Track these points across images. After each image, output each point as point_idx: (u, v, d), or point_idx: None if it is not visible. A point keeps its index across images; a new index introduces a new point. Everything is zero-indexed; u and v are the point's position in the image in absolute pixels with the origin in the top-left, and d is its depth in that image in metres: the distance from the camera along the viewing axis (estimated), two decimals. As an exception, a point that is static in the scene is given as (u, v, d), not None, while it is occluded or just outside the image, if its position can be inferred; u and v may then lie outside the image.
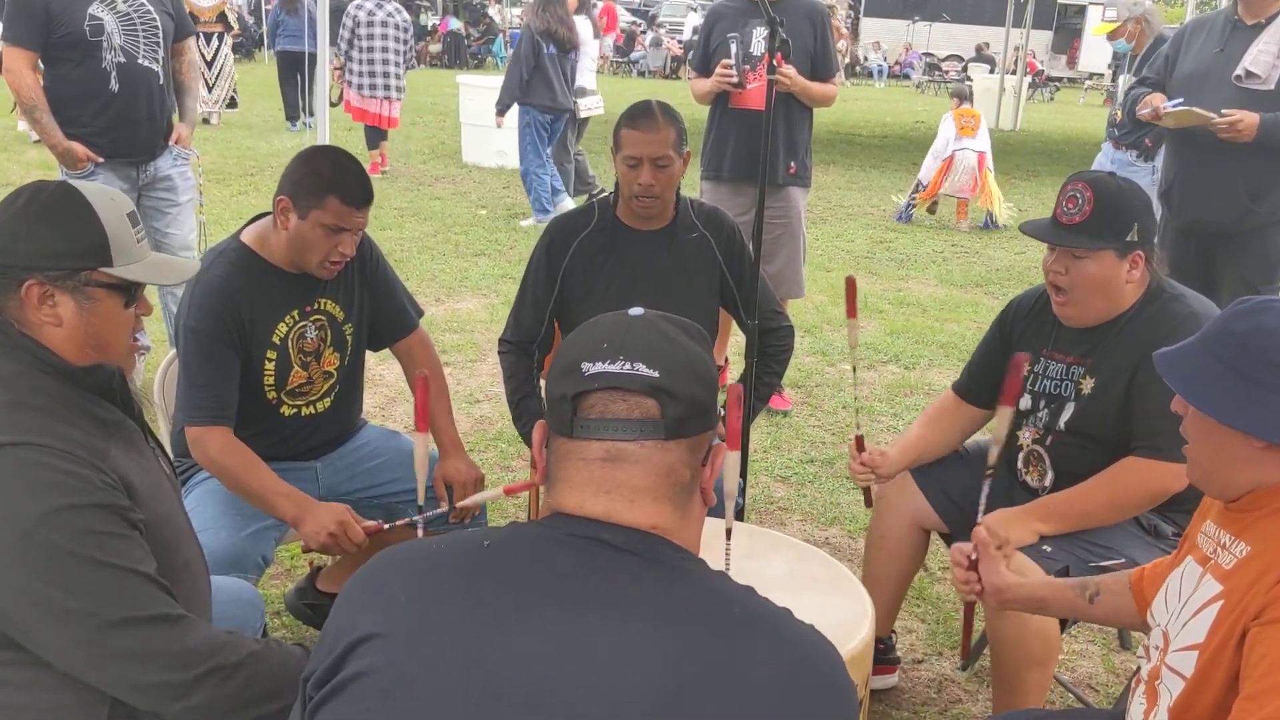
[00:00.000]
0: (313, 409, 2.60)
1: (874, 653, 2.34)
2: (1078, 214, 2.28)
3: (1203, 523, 1.66)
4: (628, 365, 1.13)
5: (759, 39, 4.36)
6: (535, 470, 1.24)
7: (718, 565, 1.19)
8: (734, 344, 4.63)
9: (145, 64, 4.00)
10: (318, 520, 2.30)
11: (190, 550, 1.71)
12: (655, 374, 1.13)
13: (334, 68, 9.22)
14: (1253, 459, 1.48)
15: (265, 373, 2.48)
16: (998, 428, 2.18)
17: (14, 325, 1.56)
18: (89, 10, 3.83)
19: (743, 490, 2.89)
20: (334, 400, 2.64)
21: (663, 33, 27.62)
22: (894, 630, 2.92)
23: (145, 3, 3.99)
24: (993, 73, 20.50)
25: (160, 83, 4.07)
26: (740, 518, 2.85)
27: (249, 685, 1.56)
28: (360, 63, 9.37)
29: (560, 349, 1.22)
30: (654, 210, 2.78)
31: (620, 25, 27.08)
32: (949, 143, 9.15)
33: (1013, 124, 17.52)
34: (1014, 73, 18.60)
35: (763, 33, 4.24)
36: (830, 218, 9.44)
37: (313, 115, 10.22)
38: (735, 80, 4.37)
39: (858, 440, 2.59)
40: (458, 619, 1.08)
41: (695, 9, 27.92)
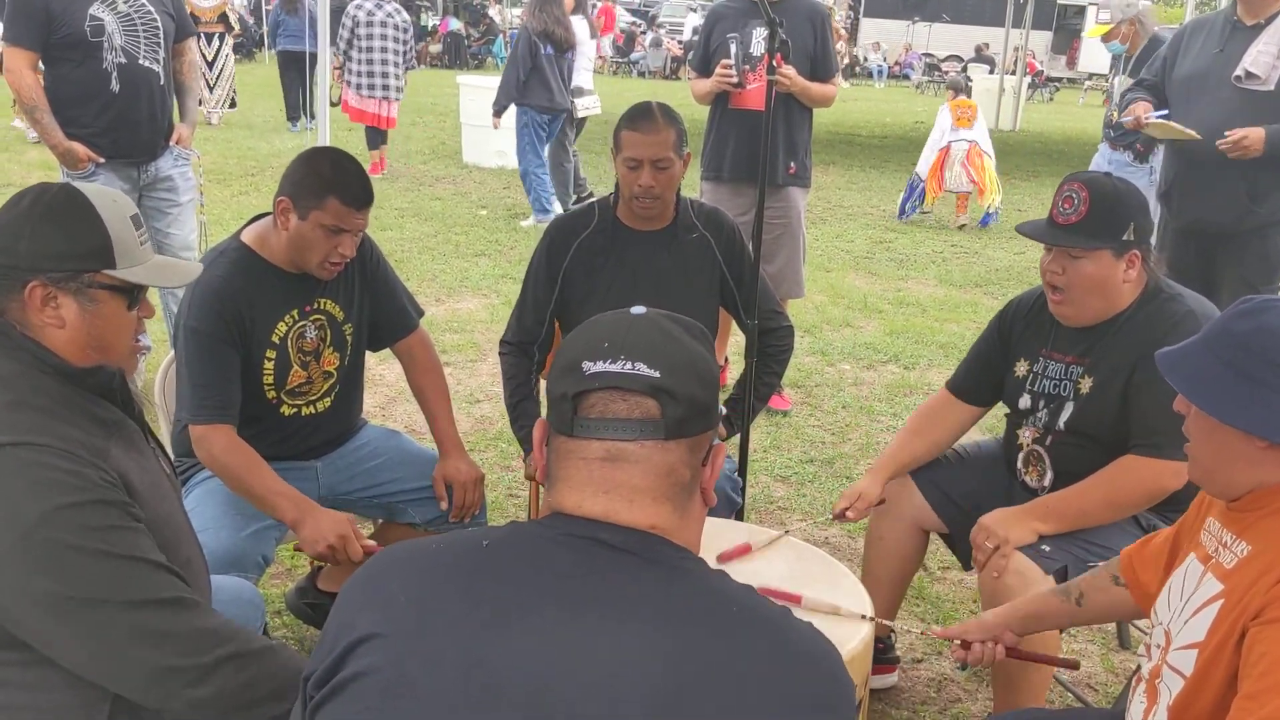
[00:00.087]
0: (312, 409, 2.60)
1: (873, 652, 2.34)
2: (1074, 214, 2.29)
3: (1204, 516, 1.66)
4: (629, 365, 1.13)
5: (759, 39, 4.37)
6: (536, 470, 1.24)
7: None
8: (734, 344, 4.63)
9: (146, 64, 4.00)
10: (318, 528, 2.29)
11: (190, 549, 1.71)
12: (656, 374, 1.13)
13: (333, 68, 9.23)
14: (1254, 459, 1.49)
15: (265, 372, 2.48)
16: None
17: (15, 327, 1.56)
18: (90, 11, 3.83)
19: (742, 490, 2.90)
20: (334, 400, 2.64)
21: (663, 33, 27.62)
22: (893, 630, 2.92)
23: (146, 3, 3.99)
24: (992, 73, 20.50)
25: (161, 83, 4.07)
26: (740, 517, 2.86)
27: (261, 680, 1.55)
28: (359, 63, 9.37)
29: (561, 347, 1.22)
30: (654, 211, 2.78)
31: (620, 26, 27.11)
32: (945, 134, 9.15)
33: (1012, 124, 17.54)
34: (1014, 73, 18.61)
35: (763, 33, 4.25)
36: (830, 218, 9.45)
37: (313, 119, 10.23)
38: (735, 80, 4.38)
39: (838, 516, 2.58)
40: (457, 618, 1.08)
41: (695, 9, 27.92)
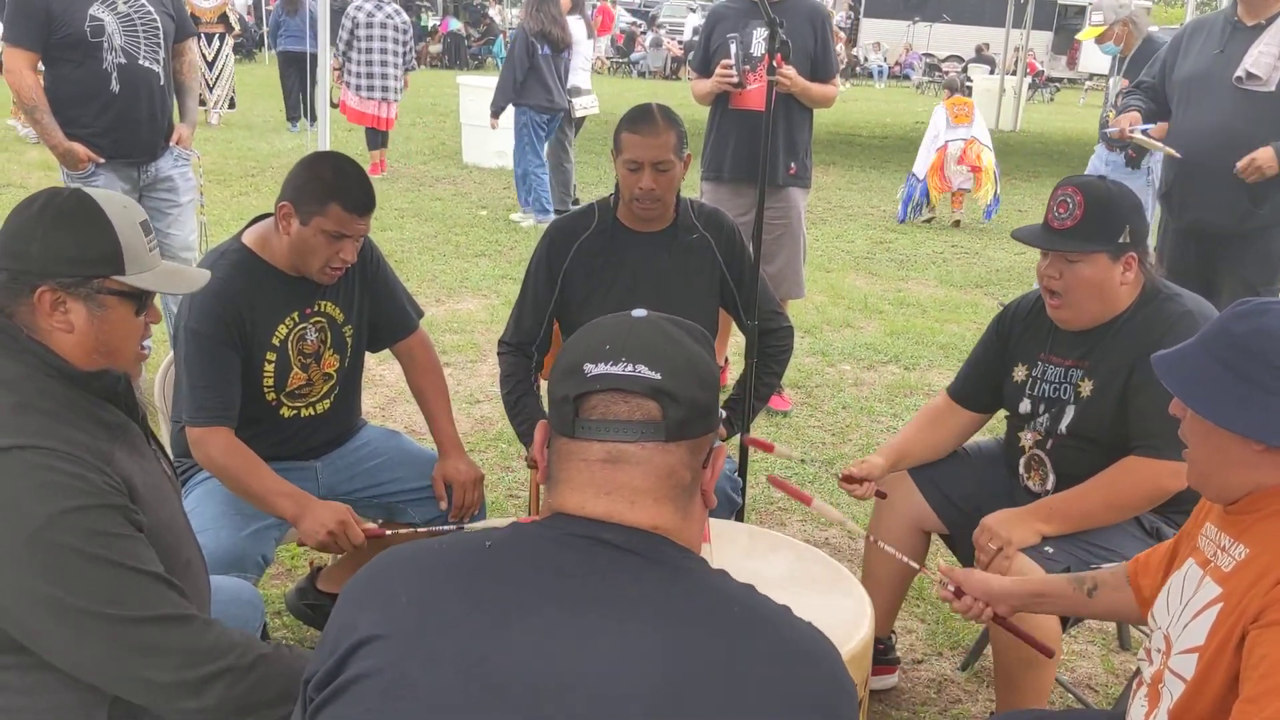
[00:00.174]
0: (312, 410, 2.60)
1: (874, 653, 2.34)
2: (1069, 218, 2.29)
3: (1202, 522, 1.66)
4: (630, 367, 1.14)
5: (759, 40, 4.37)
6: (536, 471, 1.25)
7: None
8: (734, 344, 4.64)
9: (146, 65, 4.00)
10: (317, 518, 2.31)
11: (190, 551, 1.72)
12: (657, 376, 1.14)
13: (333, 68, 9.23)
14: (1251, 461, 1.48)
15: (265, 374, 2.48)
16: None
17: (23, 330, 1.57)
18: (90, 11, 3.83)
19: (743, 490, 2.90)
20: (333, 402, 2.64)
21: (663, 33, 27.62)
22: (894, 630, 2.93)
23: (146, 3, 3.99)
24: (993, 73, 20.50)
25: (161, 83, 4.07)
26: (740, 518, 2.86)
27: (260, 687, 1.56)
28: (359, 64, 9.37)
29: (563, 350, 1.22)
30: (655, 213, 2.78)
31: (620, 26, 27.09)
32: (941, 133, 9.13)
33: (1013, 125, 17.54)
34: (1014, 74, 18.61)
35: (763, 34, 4.25)
36: (830, 218, 9.45)
37: (314, 120, 10.23)
38: (735, 80, 4.38)
39: (843, 478, 2.58)
40: (458, 619, 1.09)
41: (695, 9, 27.93)
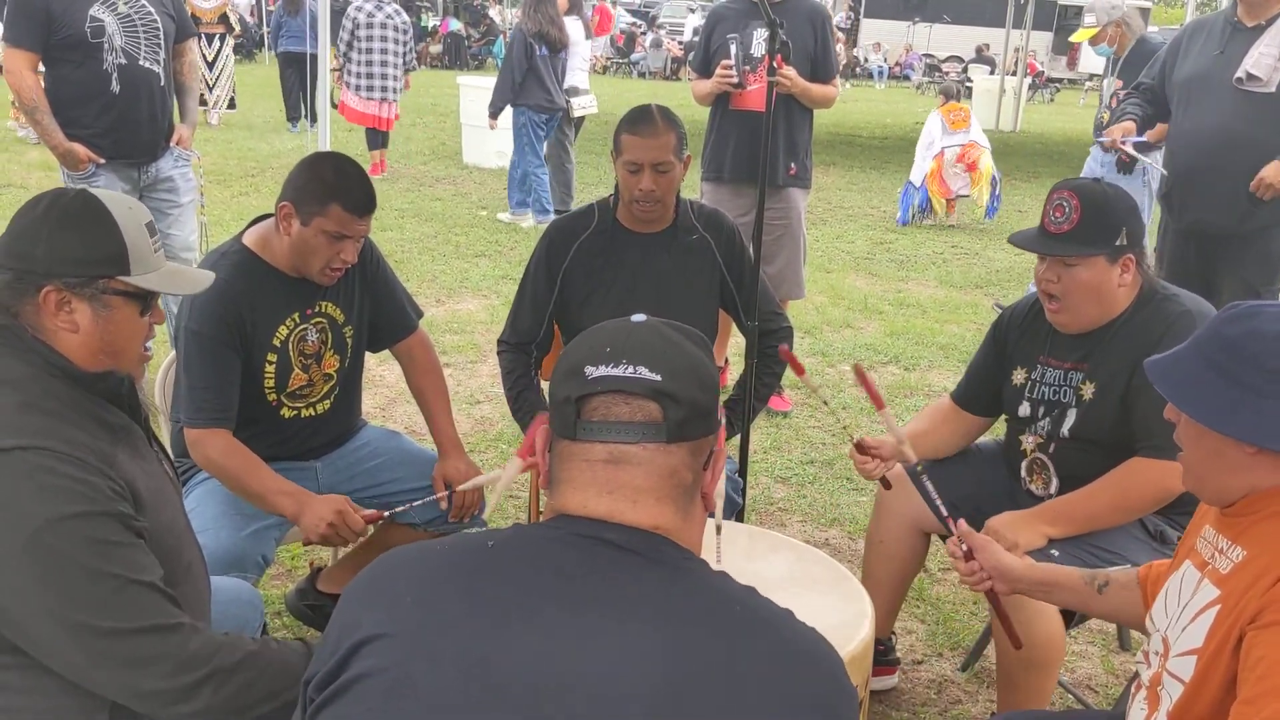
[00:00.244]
0: (312, 411, 2.60)
1: (874, 654, 2.34)
2: (1065, 222, 2.29)
3: (1200, 524, 1.66)
4: (630, 369, 1.14)
5: (759, 40, 4.37)
6: (538, 471, 1.25)
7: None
8: (734, 345, 4.64)
9: (146, 65, 4.00)
10: (316, 513, 2.32)
11: (191, 553, 1.72)
12: (658, 378, 1.14)
13: (333, 69, 9.23)
14: (1245, 464, 1.48)
15: (266, 375, 2.48)
16: (888, 432, 2.35)
17: (28, 330, 1.57)
18: (90, 12, 3.83)
19: (743, 491, 2.90)
20: (334, 402, 2.64)
21: (663, 34, 27.62)
22: (894, 631, 2.93)
23: (146, 4, 3.99)
24: (993, 74, 20.51)
25: (161, 84, 4.07)
26: (740, 519, 2.86)
27: (248, 687, 1.56)
28: (359, 64, 9.38)
29: (564, 353, 1.23)
30: (654, 214, 2.79)
31: (620, 26, 27.09)
32: (936, 139, 9.10)
33: (1013, 125, 17.55)
34: (1014, 74, 18.61)
35: (763, 34, 4.25)
36: (830, 219, 9.45)
37: (314, 122, 10.23)
38: (735, 81, 4.38)
39: (857, 444, 2.59)
40: (458, 619, 1.09)
41: (695, 10, 27.92)
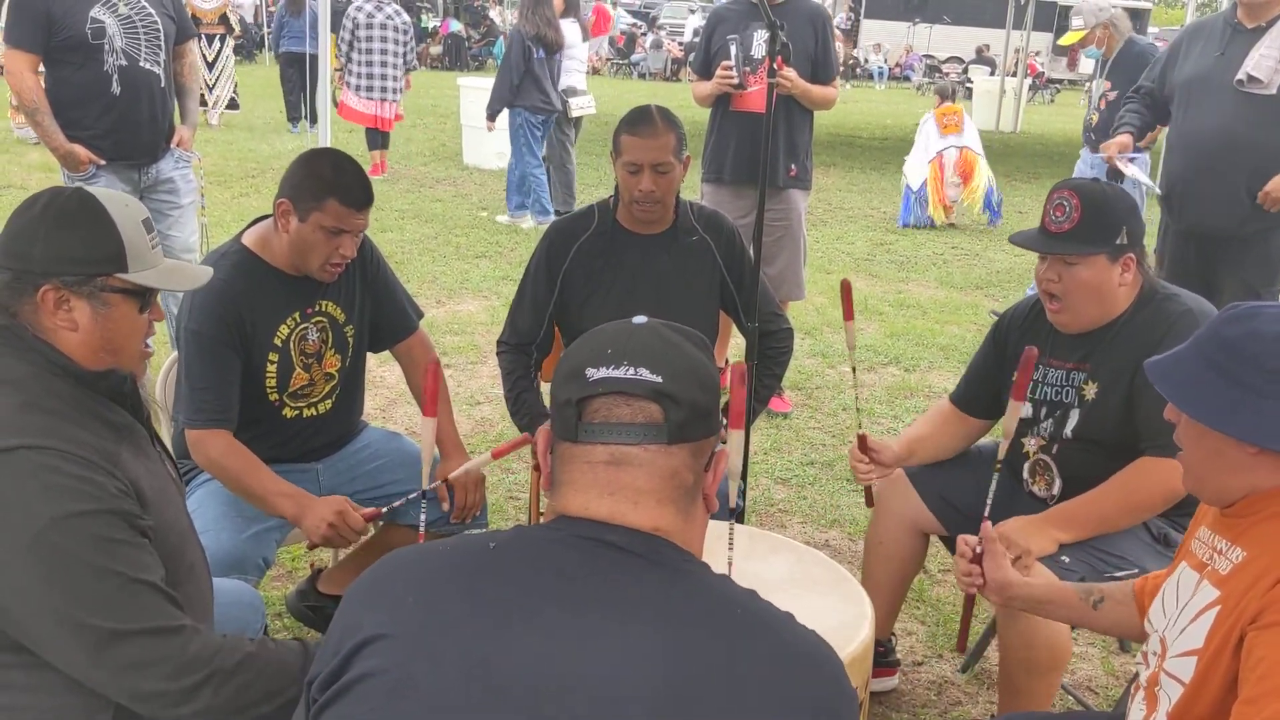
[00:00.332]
0: (314, 410, 2.61)
1: (874, 655, 2.34)
2: (1066, 221, 2.29)
3: (1197, 528, 1.66)
4: (631, 370, 1.15)
5: (759, 42, 4.37)
6: (537, 473, 1.25)
7: (721, 566, 1.19)
8: (734, 346, 4.64)
9: (147, 67, 4.00)
10: (316, 514, 2.32)
11: (194, 554, 1.72)
12: (658, 379, 1.14)
13: (333, 69, 9.24)
14: (1245, 465, 1.48)
15: (267, 375, 2.48)
16: (1008, 421, 2.21)
17: (28, 329, 1.57)
18: (90, 13, 3.83)
19: (743, 492, 2.90)
20: (335, 402, 2.64)
21: (663, 35, 27.61)
22: (894, 633, 2.93)
23: (147, 5, 3.99)
24: (993, 75, 20.50)
25: (162, 85, 4.07)
26: (741, 520, 2.86)
27: (247, 688, 1.57)
28: (359, 64, 9.39)
29: (565, 355, 1.23)
30: (654, 215, 2.79)
31: (621, 27, 27.09)
32: (931, 142, 9.08)
33: (1013, 126, 17.55)
34: (1014, 75, 18.62)
35: (763, 36, 4.25)
36: (830, 220, 9.45)
37: (314, 122, 10.24)
38: (735, 81, 4.38)
39: (860, 439, 2.59)
40: (460, 620, 1.09)
41: (695, 11, 27.92)
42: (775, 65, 2.93)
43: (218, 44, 12.05)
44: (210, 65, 11.89)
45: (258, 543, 2.41)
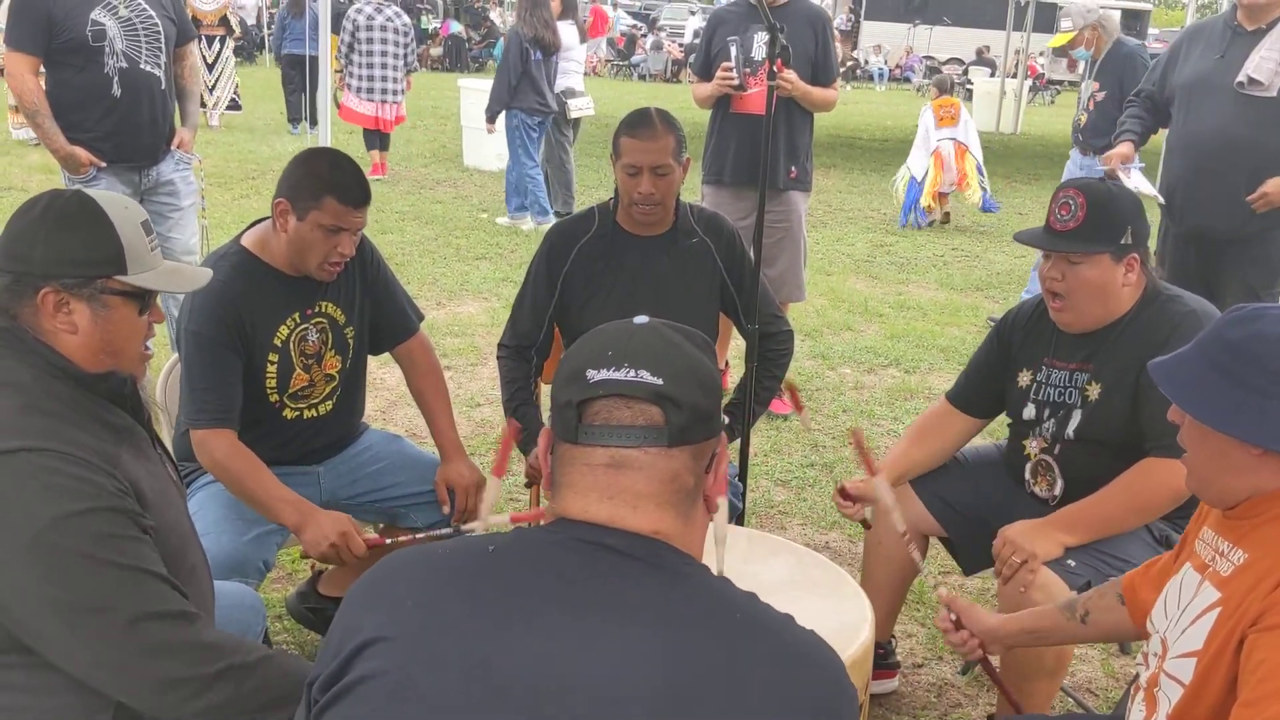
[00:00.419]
0: (315, 412, 2.61)
1: (874, 657, 2.34)
2: (1071, 220, 2.29)
3: (1200, 528, 1.66)
4: (632, 372, 1.15)
5: (760, 43, 4.37)
6: (541, 484, 1.25)
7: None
8: (734, 348, 4.64)
9: (147, 69, 4.00)
10: (320, 529, 2.31)
11: (195, 556, 1.72)
12: (659, 381, 1.14)
13: (334, 71, 9.25)
14: (1249, 466, 1.49)
15: (267, 375, 2.48)
16: (882, 496, 2.32)
17: (28, 332, 1.58)
18: (91, 16, 3.84)
19: (743, 494, 2.90)
20: (336, 403, 2.64)
21: (663, 36, 27.63)
22: (894, 635, 2.93)
23: (147, 7, 3.99)
24: (994, 76, 20.51)
25: (162, 87, 4.08)
26: (740, 522, 2.86)
27: (265, 687, 1.57)
28: (360, 66, 9.40)
29: (566, 356, 1.23)
30: (654, 217, 2.79)
31: (621, 28, 27.10)
32: (930, 134, 9.11)
33: (1014, 127, 17.55)
34: (1015, 76, 18.62)
35: (764, 37, 4.25)
36: (831, 221, 9.45)
37: (315, 124, 10.24)
38: (735, 83, 4.38)
39: (840, 490, 2.59)
40: (460, 621, 1.09)
41: (695, 12, 27.93)
42: (775, 68, 2.94)
43: (218, 45, 12.05)
44: (210, 67, 11.89)
45: (258, 546, 2.41)
